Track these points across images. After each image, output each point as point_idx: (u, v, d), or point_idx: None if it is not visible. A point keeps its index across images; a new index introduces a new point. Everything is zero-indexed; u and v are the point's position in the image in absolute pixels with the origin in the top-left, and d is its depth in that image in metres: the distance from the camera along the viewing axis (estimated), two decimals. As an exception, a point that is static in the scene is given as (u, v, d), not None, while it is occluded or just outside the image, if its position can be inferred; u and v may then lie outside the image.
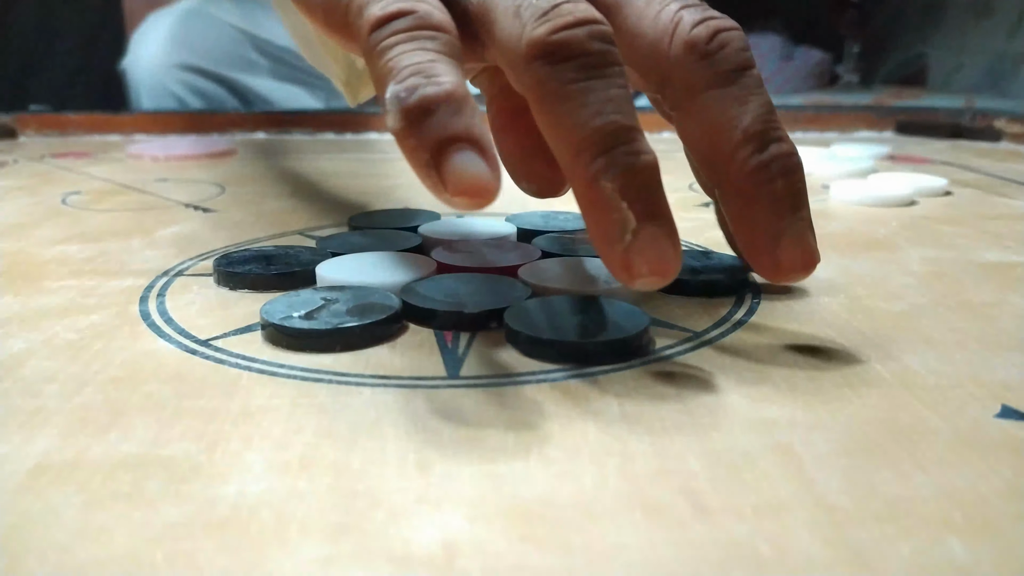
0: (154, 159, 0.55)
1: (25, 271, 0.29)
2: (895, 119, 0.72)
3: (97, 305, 0.25)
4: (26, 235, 0.35)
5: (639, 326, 0.21)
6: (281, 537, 0.13)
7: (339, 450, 0.16)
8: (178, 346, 0.22)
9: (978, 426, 0.17)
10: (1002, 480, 0.15)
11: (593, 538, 0.13)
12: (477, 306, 0.23)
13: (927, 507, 0.14)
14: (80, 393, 0.19)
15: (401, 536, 0.13)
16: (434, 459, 0.16)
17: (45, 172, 0.51)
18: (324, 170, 0.52)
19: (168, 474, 0.15)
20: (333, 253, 0.28)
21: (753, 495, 0.15)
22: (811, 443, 0.17)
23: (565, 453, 0.16)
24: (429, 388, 0.19)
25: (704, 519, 0.14)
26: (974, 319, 0.24)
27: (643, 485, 0.15)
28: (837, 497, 0.15)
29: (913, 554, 0.13)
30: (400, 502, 0.14)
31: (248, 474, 0.15)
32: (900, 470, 0.16)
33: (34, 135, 0.69)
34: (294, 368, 0.20)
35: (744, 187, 0.21)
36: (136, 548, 0.13)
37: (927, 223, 0.37)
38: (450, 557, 0.13)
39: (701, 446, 0.17)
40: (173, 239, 0.34)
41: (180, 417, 0.18)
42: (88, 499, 0.15)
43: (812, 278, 0.28)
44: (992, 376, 0.20)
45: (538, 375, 0.20)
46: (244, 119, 0.71)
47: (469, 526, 0.14)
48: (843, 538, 0.13)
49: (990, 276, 0.28)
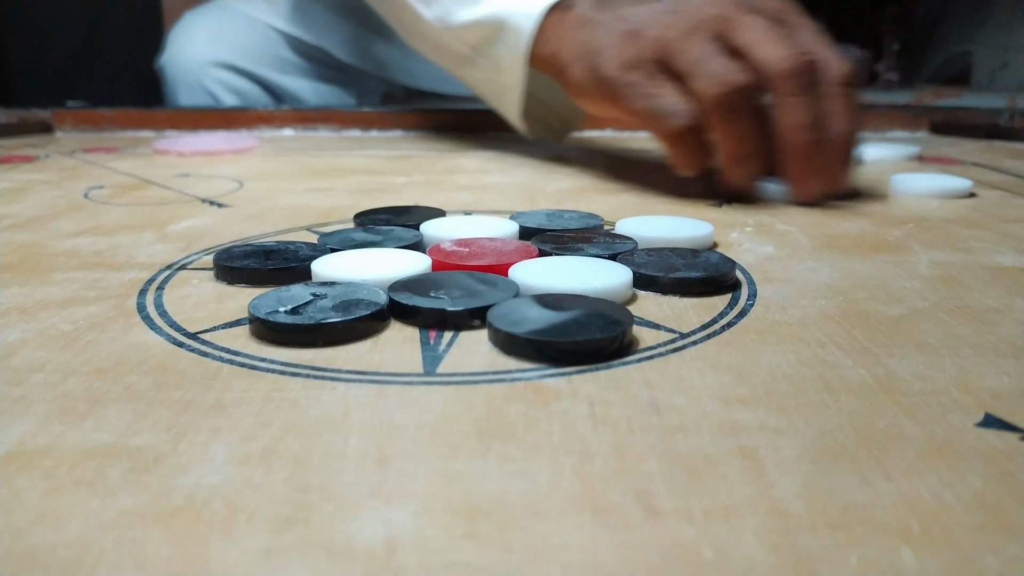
0: (179, 154, 0.56)
1: (36, 263, 0.30)
2: (930, 119, 0.71)
3: (97, 297, 0.26)
4: (44, 227, 0.36)
5: (619, 327, 0.21)
6: (227, 528, 0.14)
7: (302, 443, 0.16)
8: (167, 338, 0.22)
9: (956, 434, 0.17)
10: (970, 490, 0.15)
11: (536, 537, 0.13)
12: (460, 304, 0.23)
13: (885, 515, 0.14)
14: (64, 383, 0.19)
15: (345, 530, 0.14)
16: (393, 455, 0.16)
17: (73, 167, 0.53)
18: (343, 166, 0.53)
19: (132, 463, 0.16)
20: (332, 249, 0.29)
21: (706, 499, 0.15)
22: (777, 448, 0.16)
23: (524, 452, 0.16)
24: (403, 384, 0.19)
25: (652, 521, 0.14)
26: (973, 324, 0.23)
27: (597, 485, 0.15)
28: (792, 503, 0.14)
29: (861, 563, 0.13)
30: (351, 496, 0.15)
31: (208, 465, 0.16)
32: (864, 477, 0.15)
33: (70, 130, 0.71)
34: (274, 362, 0.21)
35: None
36: (87, 534, 0.13)
37: (945, 225, 0.36)
38: (390, 552, 0.13)
39: (663, 448, 0.16)
40: (184, 233, 0.35)
41: (154, 408, 0.18)
42: (51, 486, 0.15)
43: (812, 280, 0.27)
44: (980, 383, 0.19)
45: (514, 373, 0.20)
46: (272, 116, 0.72)
47: (415, 522, 0.14)
48: (791, 544, 0.13)
49: (999, 280, 0.28)
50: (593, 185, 0.46)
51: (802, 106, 0.37)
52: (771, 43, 0.37)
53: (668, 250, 0.29)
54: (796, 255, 0.31)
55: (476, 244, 0.28)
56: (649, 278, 0.26)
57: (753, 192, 0.40)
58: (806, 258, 0.30)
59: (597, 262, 0.27)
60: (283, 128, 0.72)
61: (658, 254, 0.28)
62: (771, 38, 0.37)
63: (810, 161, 0.38)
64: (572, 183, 0.47)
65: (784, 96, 0.37)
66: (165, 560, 0.13)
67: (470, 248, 0.28)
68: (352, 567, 0.13)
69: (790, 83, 0.37)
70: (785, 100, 0.37)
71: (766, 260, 0.30)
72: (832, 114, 0.38)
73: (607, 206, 0.40)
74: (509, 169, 0.52)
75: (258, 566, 0.13)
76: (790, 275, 0.28)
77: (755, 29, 0.38)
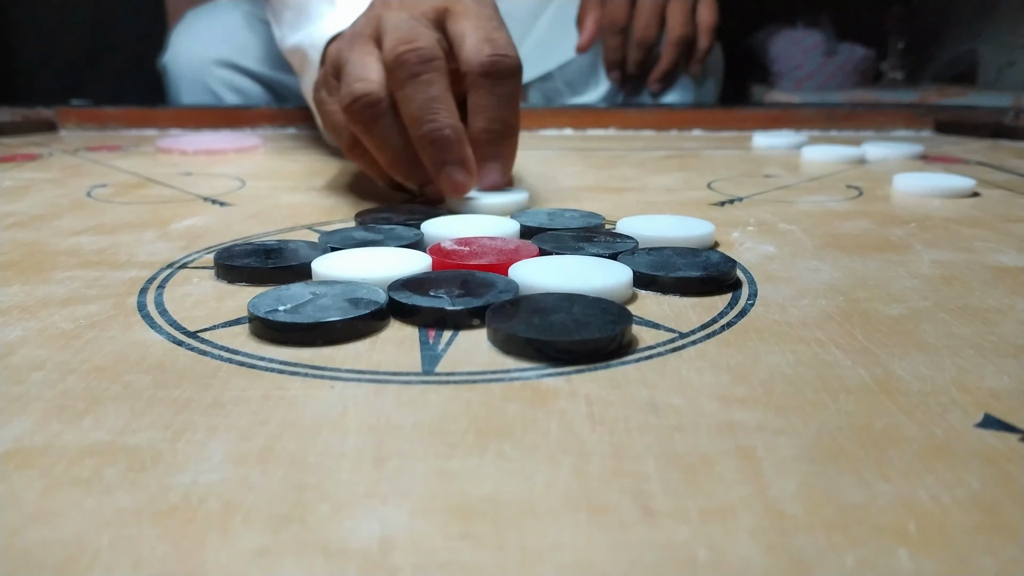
0: (182, 153, 0.56)
1: (38, 261, 0.30)
2: (935, 118, 0.71)
3: (97, 296, 0.26)
4: (46, 226, 0.36)
5: (618, 327, 0.21)
6: (223, 527, 0.14)
7: (299, 442, 0.17)
8: (167, 337, 0.22)
9: (954, 435, 0.17)
10: (967, 491, 0.15)
11: (530, 537, 0.13)
12: (459, 303, 0.23)
13: (882, 516, 0.14)
14: (63, 381, 0.20)
15: (341, 530, 0.14)
16: (391, 454, 0.16)
17: (76, 165, 0.53)
18: (347, 166, 0.53)
19: (129, 462, 0.16)
20: (332, 248, 0.29)
21: (703, 499, 0.15)
22: (775, 448, 0.16)
23: (522, 451, 0.16)
24: (401, 384, 0.19)
25: (648, 521, 0.14)
26: (974, 324, 0.23)
27: (593, 485, 0.15)
28: (789, 503, 0.14)
29: (856, 563, 0.13)
30: (347, 496, 0.15)
31: (205, 464, 0.16)
32: (861, 478, 0.15)
33: (74, 129, 0.71)
34: (273, 361, 0.21)
35: None
36: (84, 532, 0.14)
37: (947, 225, 0.36)
38: (385, 552, 0.13)
39: (661, 448, 0.16)
40: (185, 232, 0.35)
41: (153, 406, 0.18)
42: (49, 484, 0.15)
43: (813, 279, 0.27)
44: (981, 384, 0.19)
45: (512, 373, 0.20)
46: (276, 115, 0.72)
47: (410, 521, 0.14)
48: (786, 545, 0.13)
49: (1001, 280, 0.27)
50: (596, 184, 0.46)
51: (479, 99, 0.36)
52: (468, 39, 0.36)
53: (669, 249, 0.29)
54: (797, 254, 0.31)
55: (476, 243, 0.28)
56: (649, 277, 0.26)
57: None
58: (807, 257, 0.30)
59: (597, 261, 0.27)
60: (286, 127, 0.72)
61: (659, 253, 0.28)
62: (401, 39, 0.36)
63: (433, 154, 0.36)
64: (576, 182, 0.47)
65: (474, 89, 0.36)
66: (160, 559, 0.13)
67: (470, 247, 0.28)
68: (347, 567, 0.13)
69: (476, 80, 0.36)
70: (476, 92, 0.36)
71: (767, 259, 0.30)
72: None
73: (609, 205, 0.40)
74: (514, 167, 0.52)
75: (253, 565, 0.13)
76: (791, 274, 0.28)
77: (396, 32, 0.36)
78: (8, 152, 0.58)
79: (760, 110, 0.74)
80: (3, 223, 0.36)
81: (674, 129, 0.72)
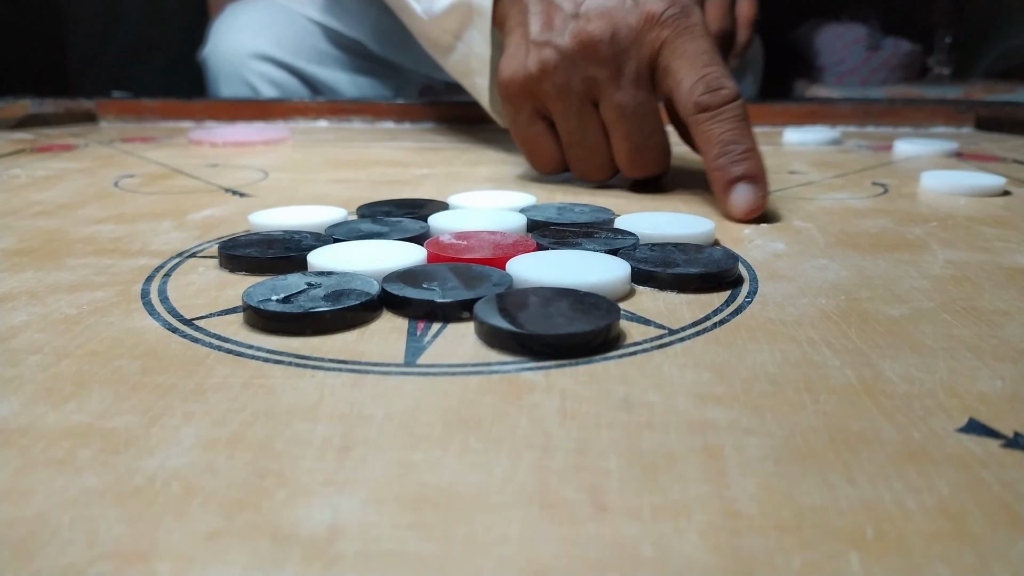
0: (212, 145, 0.57)
1: (54, 248, 0.31)
2: (976, 114, 0.69)
3: (105, 283, 0.27)
4: (71, 214, 0.37)
5: (602, 322, 0.21)
6: (180, 510, 0.14)
7: (270, 429, 0.17)
8: (163, 324, 0.23)
9: (933, 439, 0.17)
10: (935, 497, 0.14)
11: (478, 529, 0.13)
12: (450, 296, 0.23)
13: (840, 520, 0.14)
14: (57, 365, 0.20)
15: (293, 516, 0.14)
16: (356, 443, 0.16)
17: (109, 155, 0.54)
18: (369, 157, 0.53)
19: (104, 444, 0.16)
20: (336, 239, 0.29)
21: (659, 496, 0.14)
22: (743, 447, 0.16)
23: (486, 444, 0.16)
24: (379, 374, 0.20)
25: (598, 518, 0.14)
26: (977, 326, 0.23)
27: (551, 480, 0.15)
28: (746, 504, 0.14)
29: (803, 566, 0.13)
30: (306, 483, 0.15)
31: (175, 448, 0.16)
32: (826, 480, 0.15)
33: (114, 120, 0.73)
34: (260, 349, 0.21)
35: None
36: (48, 511, 0.14)
37: (970, 224, 0.35)
38: (331, 539, 0.13)
39: (628, 444, 0.16)
40: (201, 222, 0.35)
41: (137, 391, 0.19)
42: (24, 463, 0.16)
43: (818, 278, 0.27)
44: (971, 387, 0.19)
45: (493, 366, 0.20)
46: (308, 107, 0.73)
47: (362, 510, 0.14)
48: (734, 545, 0.13)
49: (1014, 282, 0.27)
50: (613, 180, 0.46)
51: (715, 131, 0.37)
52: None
53: (672, 245, 0.29)
54: (806, 252, 0.30)
55: (475, 237, 0.28)
56: (647, 273, 0.26)
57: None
58: (816, 256, 0.30)
59: (596, 256, 0.26)
60: (318, 120, 0.73)
61: (661, 249, 0.28)
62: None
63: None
64: (593, 177, 0.46)
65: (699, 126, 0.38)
66: (115, 538, 0.13)
67: (468, 241, 0.28)
68: (292, 552, 0.13)
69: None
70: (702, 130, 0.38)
71: (774, 257, 0.30)
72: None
73: (625, 201, 0.40)
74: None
75: (201, 548, 0.13)
76: (796, 273, 0.28)
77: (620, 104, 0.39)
78: (47, 142, 0.60)
79: (794, 105, 0.72)
80: (30, 211, 0.37)
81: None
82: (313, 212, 0.33)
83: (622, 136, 0.40)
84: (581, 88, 0.39)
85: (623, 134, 0.40)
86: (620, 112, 0.39)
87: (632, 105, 0.39)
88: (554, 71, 0.39)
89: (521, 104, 0.41)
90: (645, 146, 0.40)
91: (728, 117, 0.37)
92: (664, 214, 0.33)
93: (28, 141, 0.61)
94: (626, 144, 0.40)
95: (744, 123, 0.37)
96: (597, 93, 0.39)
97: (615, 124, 0.40)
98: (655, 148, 0.40)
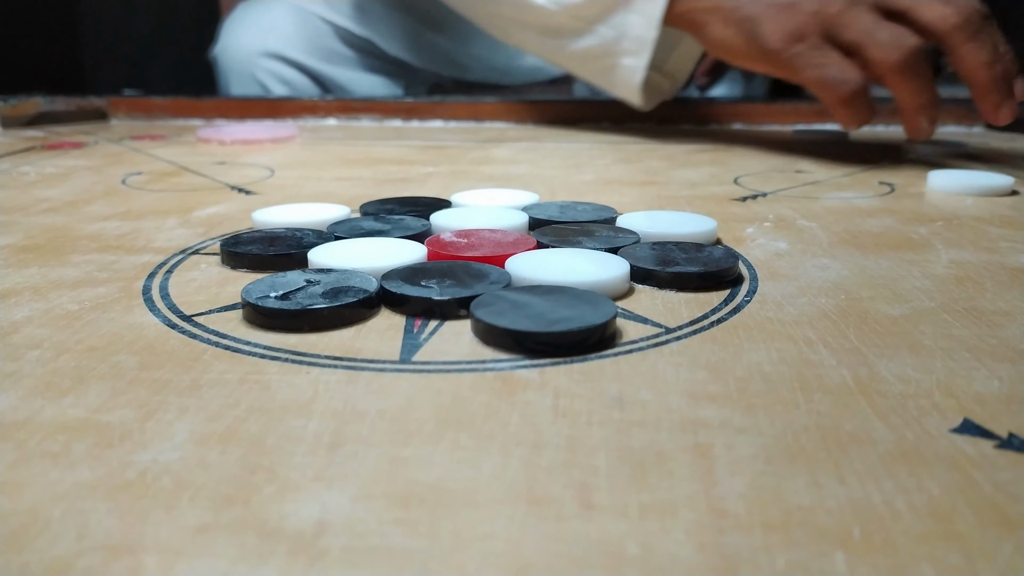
0: (220, 143, 0.58)
1: (60, 245, 0.31)
2: (987, 113, 0.68)
3: (107, 279, 0.27)
4: (77, 211, 0.37)
5: (598, 320, 0.21)
6: (169, 504, 0.14)
7: (263, 425, 0.17)
8: (162, 320, 0.23)
9: (927, 439, 0.16)
10: (925, 497, 0.14)
11: (464, 526, 0.14)
12: (447, 294, 0.23)
13: (828, 519, 0.14)
14: (56, 360, 0.20)
15: (280, 511, 0.14)
16: (347, 440, 0.16)
17: (118, 153, 0.54)
18: (375, 156, 0.53)
19: (98, 438, 0.16)
20: (337, 237, 0.29)
21: (646, 495, 0.14)
22: (734, 447, 0.16)
23: (477, 441, 0.16)
24: (375, 371, 0.20)
25: (585, 515, 0.14)
26: (977, 326, 0.22)
27: (540, 477, 0.15)
28: (733, 503, 0.14)
29: (788, 565, 0.13)
30: (295, 478, 0.15)
31: (168, 443, 0.16)
32: (816, 479, 0.15)
33: (124, 118, 0.74)
34: (257, 346, 0.21)
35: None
36: (40, 504, 0.14)
37: (976, 224, 0.35)
38: (317, 534, 0.13)
39: (618, 442, 0.16)
40: (206, 219, 0.36)
41: (133, 386, 0.19)
42: (19, 456, 0.16)
43: (819, 277, 0.27)
44: (968, 388, 0.19)
45: (488, 363, 0.20)
46: (317, 105, 0.74)
47: (350, 505, 0.14)
48: (719, 544, 0.13)
49: (1018, 282, 0.26)
50: (619, 178, 0.46)
51: (978, 48, 0.43)
52: (927, 5, 0.44)
53: (673, 244, 0.28)
54: (809, 251, 0.30)
55: (475, 235, 0.28)
56: (646, 272, 0.26)
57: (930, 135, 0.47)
58: (819, 255, 0.30)
59: (596, 255, 0.26)
60: (327, 118, 0.73)
61: (662, 248, 0.28)
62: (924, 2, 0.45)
63: (1001, 91, 0.44)
64: (598, 175, 0.46)
65: (960, 45, 0.43)
66: (104, 531, 0.13)
67: (468, 239, 0.28)
68: (277, 547, 0.13)
69: (962, 34, 0.43)
70: (961, 48, 0.43)
71: (776, 256, 0.30)
72: (995, 46, 0.44)
73: (629, 199, 0.40)
74: (539, 160, 0.52)
75: (189, 542, 0.13)
76: (797, 272, 0.28)
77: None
78: (57, 140, 0.60)
79: (804, 104, 0.72)
80: (37, 208, 0.38)
81: (714, 123, 0.71)
82: (316, 210, 0.34)
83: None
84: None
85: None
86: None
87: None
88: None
89: (816, 41, 0.46)
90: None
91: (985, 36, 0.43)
92: (666, 212, 0.33)
93: (39, 138, 0.62)
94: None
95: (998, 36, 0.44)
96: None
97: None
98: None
